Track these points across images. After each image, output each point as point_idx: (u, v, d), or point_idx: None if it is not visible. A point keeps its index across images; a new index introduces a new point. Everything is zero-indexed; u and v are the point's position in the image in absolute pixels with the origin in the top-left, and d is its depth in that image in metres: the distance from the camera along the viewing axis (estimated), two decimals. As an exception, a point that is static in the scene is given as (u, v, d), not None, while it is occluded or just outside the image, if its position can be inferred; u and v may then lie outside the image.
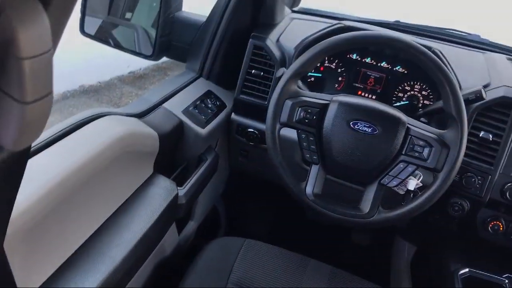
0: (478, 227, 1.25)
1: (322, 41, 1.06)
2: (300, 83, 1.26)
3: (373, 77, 1.38)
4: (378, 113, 1.04)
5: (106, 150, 0.86)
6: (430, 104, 1.31)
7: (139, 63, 4.69)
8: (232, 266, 1.13)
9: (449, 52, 1.35)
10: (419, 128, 1.03)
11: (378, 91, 1.38)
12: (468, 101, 1.13)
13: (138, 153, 0.99)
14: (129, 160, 0.96)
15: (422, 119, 1.27)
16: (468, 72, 1.29)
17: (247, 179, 1.67)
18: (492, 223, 1.23)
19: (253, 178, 1.61)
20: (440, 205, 1.25)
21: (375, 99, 1.37)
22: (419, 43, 1.15)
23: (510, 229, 1.22)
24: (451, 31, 1.60)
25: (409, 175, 1.04)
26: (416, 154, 1.02)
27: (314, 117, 1.06)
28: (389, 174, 1.04)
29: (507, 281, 1.19)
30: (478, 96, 1.11)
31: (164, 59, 1.49)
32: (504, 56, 1.42)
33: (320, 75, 1.42)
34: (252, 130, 1.39)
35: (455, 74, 1.25)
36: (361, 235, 1.87)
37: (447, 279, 1.20)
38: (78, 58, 3.61)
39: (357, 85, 1.39)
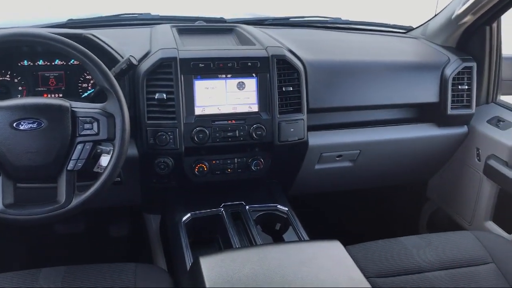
0: (188, 175, 1.40)
1: None
2: None
3: (52, 77, 1.39)
4: (38, 107, 1.05)
5: None
6: None
7: None
8: None
9: (115, 34, 1.45)
10: (83, 108, 1.09)
11: (63, 88, 1.40)
12: (124, 71, 1.22)
13: None
14: None
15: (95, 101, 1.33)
16: (132, 46, 1.40)
17: None
18: (197, 167, 1.39)
19: None
20: (150, 170, 1.36)
21: (62, 96, 1.39)
22: (72, 34, 1.20)
23: (213, 166, 1.41)
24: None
25: (91, 153, 1.09)
26: (88, 132, 1.07)
27: None
28: (72, 159, 1.07)
29: (223, 209, 1.37)
30: (129, 64, 1.22)
31: None
32: (168, 25, 1.60)
33: None
34: None
35: (116, 52, 1.35)
36: (116, 227, 1.91)
37: (175, 229, 1.31)
38: None
39: (40, 89, 1.38)
